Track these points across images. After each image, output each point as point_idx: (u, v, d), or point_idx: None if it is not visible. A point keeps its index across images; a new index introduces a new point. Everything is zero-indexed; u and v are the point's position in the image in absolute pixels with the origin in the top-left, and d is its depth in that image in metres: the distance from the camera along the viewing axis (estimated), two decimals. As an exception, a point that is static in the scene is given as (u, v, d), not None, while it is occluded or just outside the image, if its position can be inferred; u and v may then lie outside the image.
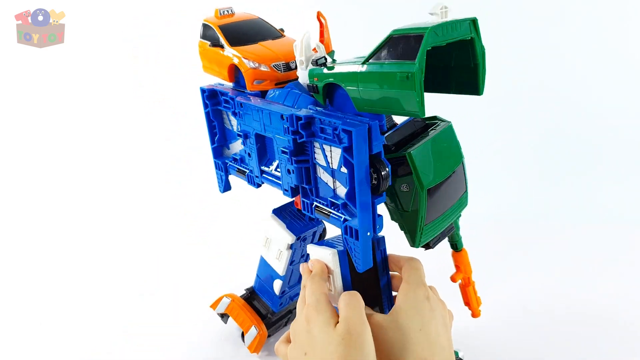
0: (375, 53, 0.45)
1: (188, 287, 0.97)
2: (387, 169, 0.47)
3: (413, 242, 0.50)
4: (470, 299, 0.68)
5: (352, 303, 0.50)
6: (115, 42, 1.55)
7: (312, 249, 0.58)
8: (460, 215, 0.57)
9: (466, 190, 0.52)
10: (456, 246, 0.64)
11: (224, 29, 0.67)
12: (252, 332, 0.75)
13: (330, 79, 0.50)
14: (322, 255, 0.56)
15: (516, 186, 1.36)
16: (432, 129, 0.52)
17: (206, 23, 0.69)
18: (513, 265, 0.99)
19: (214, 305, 0.80)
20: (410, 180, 0.48)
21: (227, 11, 0.69)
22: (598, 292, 0.88)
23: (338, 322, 0.49)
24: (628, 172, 1.34)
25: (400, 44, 0.42)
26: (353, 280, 0.55)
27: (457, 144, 0.51)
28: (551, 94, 1.49)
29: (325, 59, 0.53)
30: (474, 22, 0.45)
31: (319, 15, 0.61)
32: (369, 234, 0.49)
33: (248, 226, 1.16)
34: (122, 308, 0.91)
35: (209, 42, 0.68)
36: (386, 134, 0.49)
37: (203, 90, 0.70)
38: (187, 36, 1.50)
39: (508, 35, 1.48)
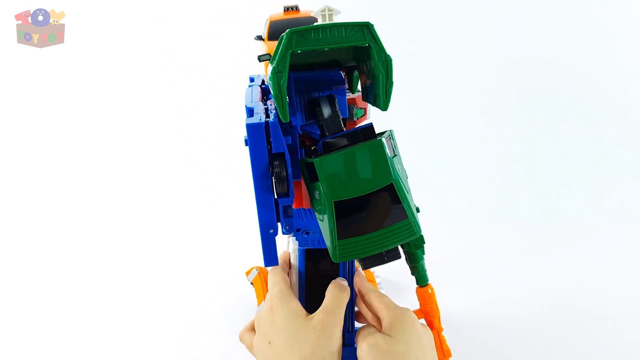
0: (275, 54, 0.45)
1: (190, 286, 0.97)
2: (283, 173, 0.46)
3: (331, 255, 0.48)
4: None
5: (339, 298, 0.51)
6: (115, 42, 1.55)
7: (290, 240, 0.59)
8: (422, 249, 0.54)
9: (408, 218, 0.46)
10: (417, 280, 0.57)
11: (274, 24, 0.67)
12: (261, 306, 0.76)
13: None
14: (289, 248, 0.57)
15: (519, 185, 1.37)
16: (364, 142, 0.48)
17: (268, 18, 0.71)
18: (517, 263, 0.99)
19: (247, 273, 0.82)
20: (319, 189, 0.46)
21: (293, 8, 0.68)
22: (600, 292, 0.88)
23: (307, 313, 0.50)
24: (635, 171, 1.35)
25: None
26: (308, 281, 0.56)
27: (385, 163, 0.44)
28: (558, 92, 1.49)
29: (269, 55, 0.52)
30: (368, 27, 0.41)
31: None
32: (271, 231, 0.49)
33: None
34: (123, 308, 0.91)
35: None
36: (325, 139, 0.47)
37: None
38: (186, 36, 1.51)
39: (516, 33, 1.48)
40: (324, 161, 0.44)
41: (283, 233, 0.51)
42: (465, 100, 1.52)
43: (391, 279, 0.91)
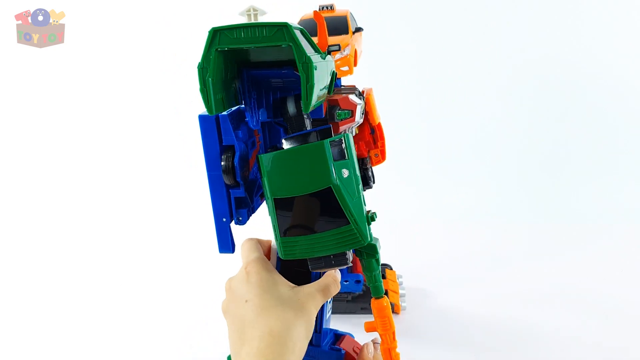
0: None
1: (190, 287, 0.97)
2: (229, 164, 0.48)
3: (277, 251, 0.49)
4: None
5: (329, 288, 0.50)
6: (115, 42, 1.55)
7: None
8: (376, 257, 0.51)
9: (349, 224, 0.45)
10: (371, 290, 0.54)
11: (303, 22, 0.70)
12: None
13: None
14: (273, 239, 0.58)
15: (521, 186, 1.37)
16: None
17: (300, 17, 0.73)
18: (518, 263, 1.00)
19: None
20: (264, 184, 0.47)
21: (327, 7, 0.71)
22: (602, 291, 0.89)
23: (289, 283, 0.50)
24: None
25: None
26: (282, 275, 0.57)
27: (325, 166, 0.45)
28: (559, 91, 1.50)
29: None
30: (286, 27, 0.41)
31: (316, 15, 0.61)
32: (224, 220, 0.52)
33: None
34: (123, 308, 0.91)
35: None
36: (285, 137, 0.48)
37: None
38: (186, 36, 1.51)
39: (517, 32, 1.48)
40: (267, 158, 0.46)
41: (235, 223, 0.52)
42: (468, 101, 1.52)
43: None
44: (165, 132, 1.54)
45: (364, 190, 0.76)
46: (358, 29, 0.71)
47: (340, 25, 0.70)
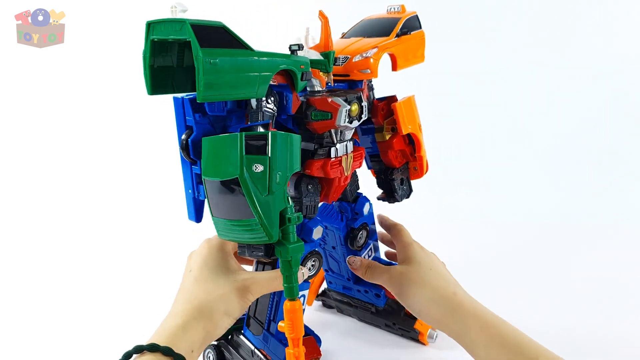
0: None
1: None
2: (183, 142, 0.53)
3: None
4: None
5: (272, 282, 0.54)
6: (115, 42, 1.54)
7: None
8: (288, 259, 0.49)
9: (255, 219, 0.46)
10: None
11: (364, 22, 0.73)
12: None
13: None
14: None
15: (523, 186, 1.37)
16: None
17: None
18: (520, 264, 1.00)
19: None
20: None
21: (395, 8, 0.73)
22: (605, 290, 0.89)
23: (238, 268, 0.55)
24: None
25: None
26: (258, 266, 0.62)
27: (236, 157, 0.46)
28: (560, 89, 1.50)
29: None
30: (184, 24, 0.46)
31: (320, 14, 0.61)
32: (190, 191, 0.57)
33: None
34: (123, 308, 0.91)
35: None
36: (242, 126, 0.53)
37: None
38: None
39: (518, 33, 1.48)
40: (204, 141, 0.50)
41: (196, 197, 0.57)
42: (469, 102, 1.52)
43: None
44: (165, 132, 1.53)
45: (391, 202, 0.75)
46: (403, 33, 0.71)
47: (385, 27, 0.71)
